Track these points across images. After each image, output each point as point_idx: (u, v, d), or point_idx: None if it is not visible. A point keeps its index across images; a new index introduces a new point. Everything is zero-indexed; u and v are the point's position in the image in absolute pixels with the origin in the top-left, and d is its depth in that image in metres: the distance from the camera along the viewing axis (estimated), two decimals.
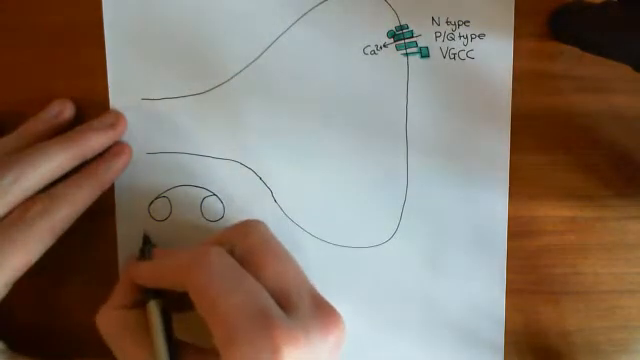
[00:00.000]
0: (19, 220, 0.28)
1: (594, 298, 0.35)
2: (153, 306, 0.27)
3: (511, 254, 0.35)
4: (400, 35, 0.33)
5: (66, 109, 0.32)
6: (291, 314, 0.25)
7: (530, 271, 0.35)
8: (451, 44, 0.33)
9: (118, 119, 0.32)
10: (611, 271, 0.35)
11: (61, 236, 0.29)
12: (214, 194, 0.34)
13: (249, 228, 0.29)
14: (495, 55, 0.34)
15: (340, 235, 0.34)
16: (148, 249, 0.31)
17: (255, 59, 0.33)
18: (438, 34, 0.33)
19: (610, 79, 0.34)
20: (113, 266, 0.33)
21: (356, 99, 0.34)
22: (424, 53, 0.33)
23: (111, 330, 0.28)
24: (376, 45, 0.33)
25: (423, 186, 0.34)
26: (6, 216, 0.28)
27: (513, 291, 0.35)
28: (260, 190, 0.34)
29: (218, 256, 0.26)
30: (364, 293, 0.35)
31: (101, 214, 0.33)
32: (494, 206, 0.34)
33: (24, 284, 0.29)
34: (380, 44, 0.33)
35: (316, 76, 0.33)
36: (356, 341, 0.34)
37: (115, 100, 0.33)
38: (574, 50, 0.33)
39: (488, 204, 0.34)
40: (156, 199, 0.33)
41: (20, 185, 0.28)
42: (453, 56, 0.33)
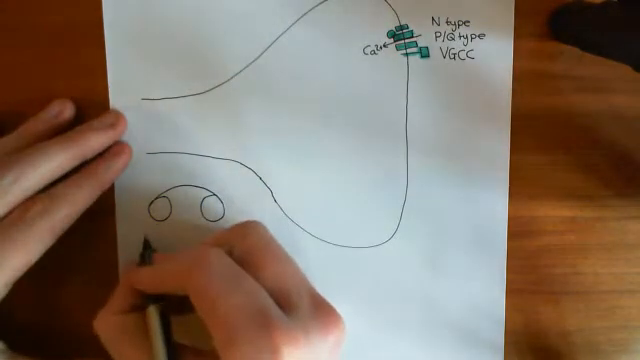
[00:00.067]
0: (19, 220, 0.28)
1: (594, 298, 0.35)
2: (153, 311, 0.27)
3: (511, 254, 0.35)
4: (400, 35, 0.33)
5: (66, 109, 0.32)
6: (291, 314, 0.25)
7: (530, 271, 0.35)
8: (451, 44, 0.33)
9: (118, 119, 0.32)
10: (611, 271, 0.35)
11: (61, 236, 0.29)
12: (214, 194, 0.34)
13: (248, 229, 0.29)
14: (495, 55, 0.34)
15: (340, 235, 0.34)
16: (148, 254, 0.30)
17: (255, 59, 0.33)
18: (438, 34, 0.33)
19: (610, 79, 0.34)
20: (113, 266, 0.33)
21: (356, 99, 0.34)
22: (424, 53, 0.33)
23: (110, 334, 0.28)
24: (376, 45, 0.33)
25: (423, 186, 0.34)
26: (6, 216, 0.28)
27: (513, 291, 0.35)
28: (260, 190, 0.34)
29: (217, 257, 0.26)
30: (364, 293, 0.35)
31: (101, 214, 0.33)
32: (494, 206, 0.34)
33: (24, 284, 0.29)
34: (380, 44, 0.33)
35: (316, 76, 0.33)
36: (356, 341, 0.34)
37: (115, 100, 0.33)
38: (574, 50, 0.33)
39: (488, 204, 0.34)
40: (156, 199, 0.33)
41: (20, 185, 0.28)
42: (453, 56, 0.33)
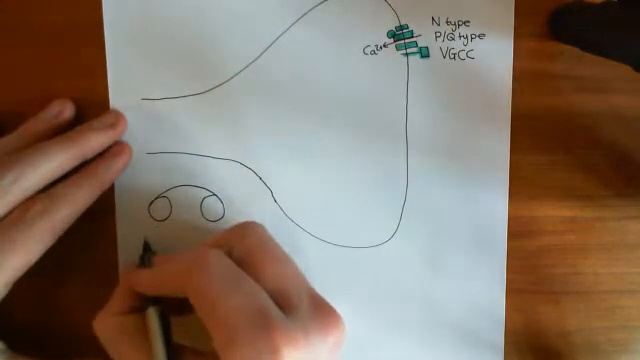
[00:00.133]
0: (19, 220, 0.28)
1: (594, 298, 0.35)
2: (152, 312, 0.27)
3: (511, 254, 0.35)
4: (400, 35, 0.33)
5: (66, 109, 0.32)
6: (290, 315, 0.25)
7: (530, 271, 0.35)
8: (451, 44, 0.33)
9: (118, 119, 0.32)
10: (611, 271, 0.35)
11: (61, 236, 0.29)
12: (214, 194, 0.34)
13: (247, 230, 0.29)
14: (495, 55, 0.34)
15: (340, 235, 0.34)
16: (148, 257, 0.30)
17: (255, 59, 0.33)
18: (438, 34, 0.33)
19: (610, 79, 0.34)
20: (113, 266, 0.33)
21: (356, 99, 0.34)
22: (424, 53, 0.33)
23: (109, 335, 0.28)
24: (376, 45, 0.33)
25: (423, 186, 0.34)
26: (6, 216, 0.28)
27: (513, 291, 0.35)
28: (260, 190, 0.34)
29: (216, 258, 0.26)
30: (364, 293, 0.35)
31: (101, 214, 0.33)
32: (494, 206, 0.34)
33: (24, 284, 0.29)
34: (380, 44, 0.33)
35: (316, 76, 0.33)
36: (356, 341, 0.34)
37: (115, 100, 0.33)
38: (574, 50, 0.33)
39: (488, 204, 0.34)
40: (156, 199, 0.33)
41: (20, 185, 0.28)
42: (453, 56, 0.33)
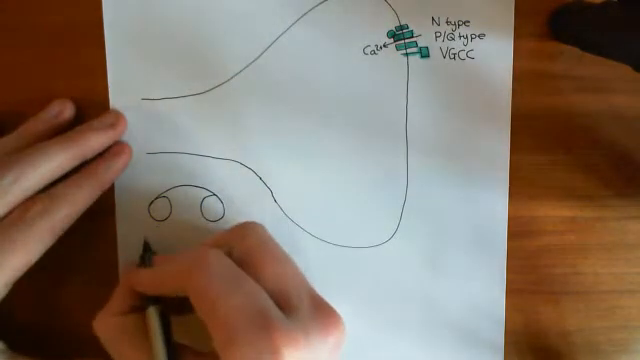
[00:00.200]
0: (19, 220, 0.28)
1: (594, 298, 0.35)
2: (152, 312, 0.27)
3: (511, 254, 0.35)
4: (400, 35, 0.33)
5: (66, 109, 0.32)
6: (290, 315, 0.25)
7: (530, 271, 0.35)
8: (451, 44, 0.33)
9: (118, 119, 0.32)
10: (611, 271, 0.35)
11: (61, 236, 0.29)
12: (214, 194, 0.34)
13: (247, 230, 0.29)
14: (495, 55, 0.34)
15: (340, 235, 0.34)
16: (148, 256, 0.30)
17: (255, 59, 0.33)
18: (438, 34, 0.33)
19: (610, 79, 0.34)
20: (113, 266, 0.33)
21: (356, 99, 0.34)
22: (424, 53, 0.33)
23: (109, 335, 0.28)
24: (376, 45, 0.33)
25: (423, 186, 0.34)
26: (6, 216, 0.28)
27: (513, 291, 0.35)
28: (260, 190, 0.34)
29: (217, 258, 0.26)
30: (364, 293, 0.35)
31: (101, 214, 0.33)
32: (494, 206, 0.34)
33: (24, 284, 0.29)
34: (380, 44, 0.33)
35: (316, 76, 0.33)
36: (356, 341, 0.34)
37: (115, 100, 0.33)
38: (574, 50, 0.33)
39: (488, 204, 0.34)
40: (156, 199, 0.33)
41: (20, 185, 0.28)
42: (453, 56, 0.33)
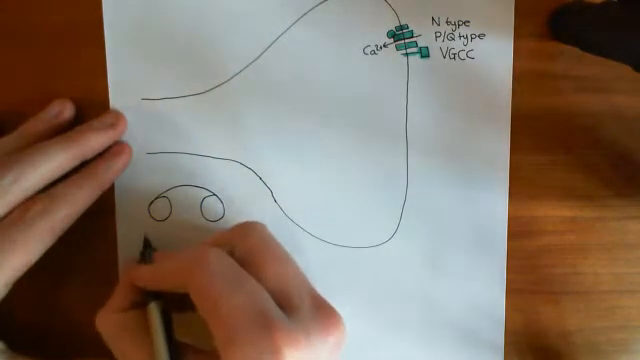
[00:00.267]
0: (19, 220, 0.28)
1: (594, 298, 0.35)
2: (154, 308, 0.27)
3: (511, 254, 0.35)
4: (400, 35, 0.33)
5: (66, 109, 0.32)
6: (291, 315, 0.25)
7: (530, 271, 0.35)
8: (451, 44, 0.33)
9: (118, 119, 0.32)
10: (611, 271, 0.35)
11: (61, 236, 0.29)
12: (214, 194, 0.34)
13: (248, 229, 0.29)
14: (495, 55, 0.34)
15: (340, 235, 0.34)
16: (148, 253, 0.30)
17: (255, 59, 0.33)
18: (438, 34, 0.33)
19: (610, 79, 0.34)
20: (113, 266, 0.33)
21: (356, 99, 0.34)
22: (424, 53, 0.33)
23: (111, 332, 0.28)
24: (376, 45, 0.33)
25: (423, 186, 0.34)
26: (6, 216, 0.28)
27: (513, 291, 0.35)
28: (260, 190, 0.34)
29: (218, 257, 0.26)
30: (364, 293, 0.35)
31: (101, 214, 0.33)
32: (494, 206, 0.34)
33: (24, 284, 0.29)
34: (380, 44, 0.33)
35: (316, 76, 0.33)
36: (356, 341, 0.34)
37: (115, 100, 0.33)
38: (574, 50, 0.33)
39: (488, 204, 0.34)
40: (156, 199, 0.33)
41: (20, 185, 0.28)
42: (453, 56, 0.33)
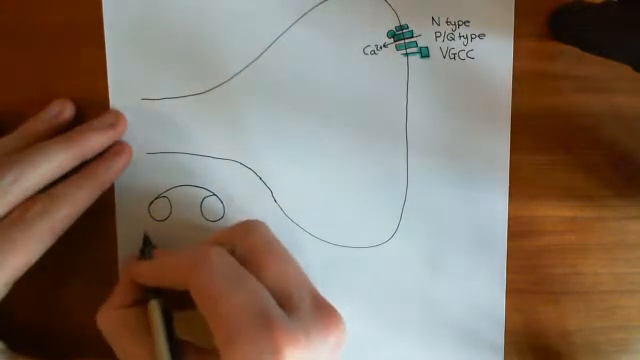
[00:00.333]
0: (19, 220, 0.28)
1: (594, 298, 0.35)
2: (154, 305, 0.27)
3: (511, 254, 0.35)
4: (400, 35, 0.33)
5: (66, 109, 0.32)
6: (292, 315, 0.25)
7: (530, 271, 0.35)
8: (451, 44, 0.33)
9: (118, 119, 0.32)
10: (611, 271, 0.35)
11: (61, 236, 0.29)
12: (214, 194, 0.34)
13: (250, 228, 0.29)
14: (495, 55, 0.34)
15: (340, 235, 0.34)
16: (148, 250, 0.30)
17: (255, 59, 0.33)
18: (438, 34, 0.33)
19: (610, 79, 0.34)
20: (113, 266, 0.33)
21: (356, 99, 0.34)
22: (424, 53, 0.33)
23: (112, 329, 0.28)
24: (376, 45, 0.33)
25: (423, 186, 0.34)
26: (6, 216, 0.28)
27: (513, 291, 0.35)
28: (260, 190, 0.34)
29: (219, 256, 0.26)
30: (364, 293, 0.35)
31: (101, 214, 0.33)
32: (494, 206, 0.34)
33: (24, 284, 0.29)
34: (380, 44, 0.33)
35: (316, 76, 0.33)
36: (356, 341, 0.34)
37: (115, 100, 0.33)
38: (574, 50, 0.33)
39: (488, 204, 0.34)
40: (156, 199, 0.33)
41: (20, 185, 0.28)
42: (453, 56, 0.33)
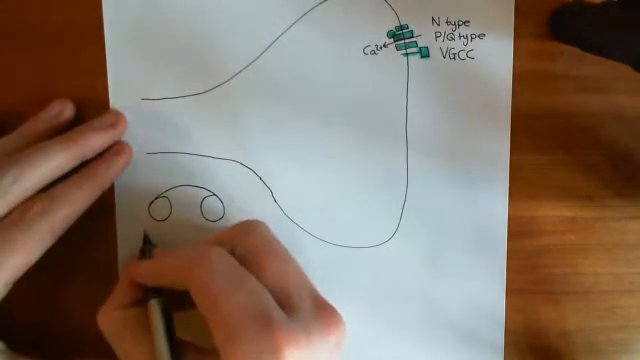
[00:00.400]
0: (19, 220, 0.28)
1: (594, 298, 0.35)
2: (154, 304, 0.27)
3: (511, 254, 0.35)
4: (400, 35, 0.33)
5: (66, 109, 0.32)
6: (292, 315, 0.25)
7: (530, 271, 0.35)
8: (451, 44, 0.33)
9: (118, 119, 0.32)
10: (611, 271, 0.35)
11: (61, 236, 0.29)
12: (214, 194, 0.34)
13: (250, 228, 0.29)
14: (495, 55, 0.34)
15: (340, 235, 0.34)
16: (148, 249, 0.30)
17: (255, 59, 0.33)
18: (438, 34, 0.33)
19: (610, 79, 0.34)
20: (113, 266, 0.33)
21: (356, 99, 0.34)
22: (424, 53, 0.33)
23: (112, 329, 0.28)
24: (376, 45, 0.33)
25: (423, 186, 0.34)
26: (6, 216, 0.28)
27: (513, 291, 0.35)
28: (260, 190, 0.34)
29: (219, 256, 0.26)
30: (364, 293, 0.35)
31: (101, 214, 0.33)
32: (494, 206, 0.34)
33: (24, 284, 0.29)
34: (380, 44, 0.33)
35: (316, 76, 0.33)
36: (356, 341, 0.34)
37: (115, 100, 0.33)
38: (574, 50, 0.33)
39: (488, 204, 0.34)
40: (156, 199, 0.33)
41: (20, 185, 0.28)
42: (453, 56, 0.33)
